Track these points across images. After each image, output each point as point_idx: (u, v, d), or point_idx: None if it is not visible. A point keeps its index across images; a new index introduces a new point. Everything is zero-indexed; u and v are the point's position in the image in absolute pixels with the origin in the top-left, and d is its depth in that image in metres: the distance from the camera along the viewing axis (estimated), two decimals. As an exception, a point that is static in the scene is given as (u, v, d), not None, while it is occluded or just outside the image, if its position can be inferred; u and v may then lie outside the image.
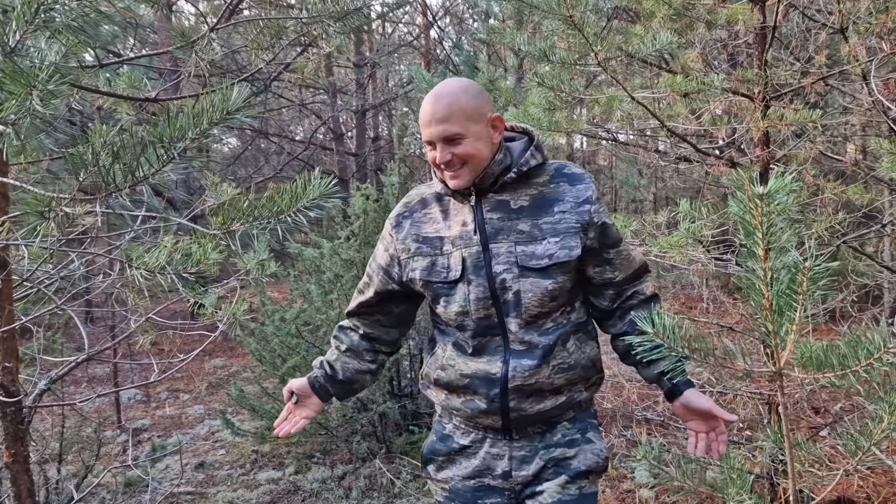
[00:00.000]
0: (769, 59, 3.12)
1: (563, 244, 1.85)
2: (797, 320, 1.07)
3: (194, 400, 7.63)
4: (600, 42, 2.58)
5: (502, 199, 1.90)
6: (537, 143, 1.96)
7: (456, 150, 1.81)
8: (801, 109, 3.39)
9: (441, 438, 2.08)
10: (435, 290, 1.95)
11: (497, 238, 1.88)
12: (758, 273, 0.99)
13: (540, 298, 1.86)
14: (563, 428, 1.98)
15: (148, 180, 1.07)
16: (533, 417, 1.93)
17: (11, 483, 2.11)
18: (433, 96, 1.86)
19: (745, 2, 3.47)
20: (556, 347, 1.89)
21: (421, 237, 1.97)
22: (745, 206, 0.99)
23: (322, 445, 5.41)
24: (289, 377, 4.90)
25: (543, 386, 1.89)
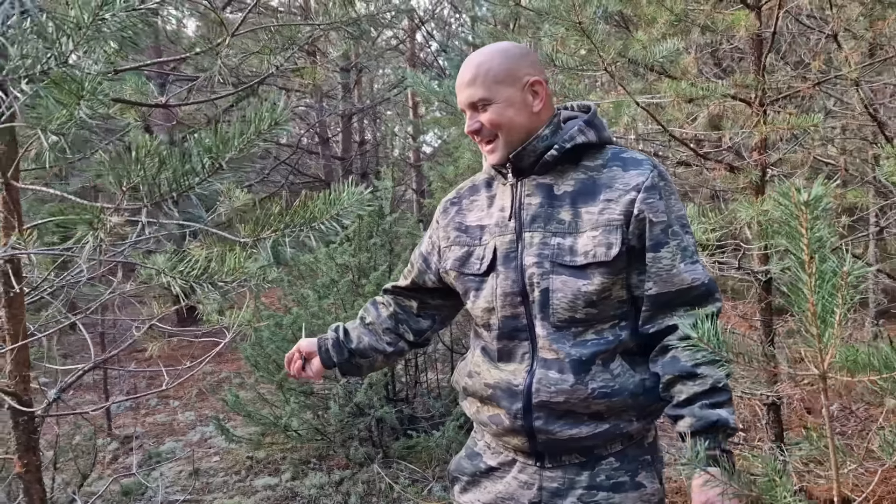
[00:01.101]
0: (767, 65, 3.17)
1: (601, 239, 1.58)
2: (838, 324, 1.09)
3: (184, 406, 7.57)
4: (605, 48, 2.61)
5: (545, 183, 1.66)
6: (591, 118, 1.70)
7: (484, 117, 1.62)
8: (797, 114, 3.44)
9: (470, 456, 1.88)
10: (465, 282, 1.77)
11: (532, 226, 1.65)
12: (803, 279, 1.01)
13: (571, 301, 1.60)
14: (609, 466, 1.67)
15: (194, 189, 1.07)
16: (566, 444, 1.65)
17: (24, 493, 2.09)
18: (468, 59, 1.69)
19: (742, 7, 3.52)
20: (593, 365, 1.61)
21: (463, 226, 1.80)
22: (791, 212, 1.01)
23: (318, 451, 5.39)
24: (286, 383, 4.90)
25: (577, 408, 1.62)
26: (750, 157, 3.43)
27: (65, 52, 0.95)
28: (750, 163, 3.24)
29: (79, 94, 0.97)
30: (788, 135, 3.37)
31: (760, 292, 3.41)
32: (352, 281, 5.12)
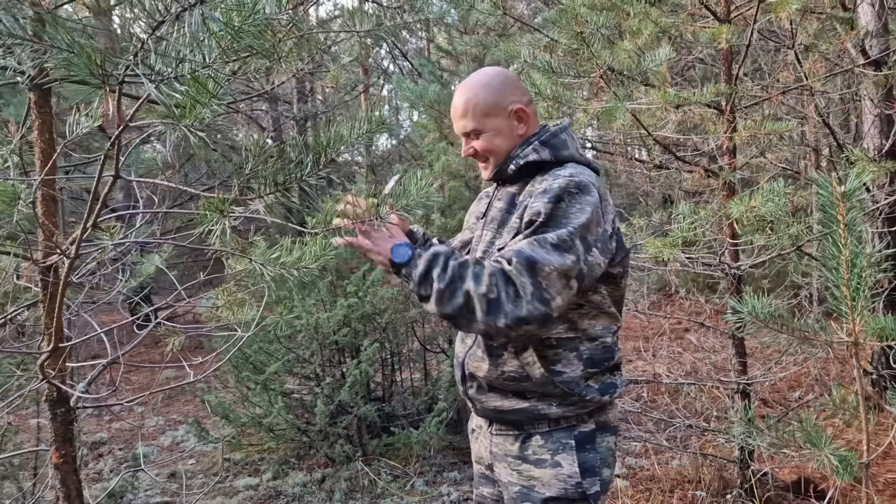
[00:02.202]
0: (740, 75, 3.40)
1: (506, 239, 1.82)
2: (862, 298, 1.26)
3: (151, 411, 7.48)
4: (599, 56, 2.79)
5: (511, 192, 1.93)
6: (547, 138, 1.89)
7: (477, 143, 1.90)
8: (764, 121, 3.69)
9: (468, 420, 2.18)
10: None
11: (489, 226, 1.94)
12: (840, 259, 1.18)
13: None
14: (536, 443, 1.87)
15: (303, 180, 1.18)
16: (494, 414, 1.91)
17: (61, 483, 2.13)
18: (458, 89, 1.94)
19: (713, 20, 3.77)
20: (504, 352, 1.84)
21: (473, 217, 2.12)
22: (831, 202, 1.17)
23: (296, 451, 5.43)
24: (271, 383, 4.94)
25: (495, 384, 1.87)
26: (722, 160, 3.66)
27: (209, 56, 1.06)
28: (724, 166, 3.46)
29: (213, 93, 1.08)
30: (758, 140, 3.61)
31: (733, 286, 3.64)
32: (331, 282, 5.20)
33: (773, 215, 2.65)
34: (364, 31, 2.04)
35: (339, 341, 5.04)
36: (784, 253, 3.72)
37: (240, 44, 1.04)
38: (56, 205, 2.07)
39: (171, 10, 0.91)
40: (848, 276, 1.20)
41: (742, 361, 3.82)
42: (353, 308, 4.94)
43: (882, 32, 4.69)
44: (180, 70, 1.02)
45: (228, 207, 1.12)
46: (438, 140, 5.28)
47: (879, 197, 4.50)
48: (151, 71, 1.01)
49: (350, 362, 5.03)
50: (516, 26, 5.71)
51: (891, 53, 4.64)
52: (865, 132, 4.84)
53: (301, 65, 2.23)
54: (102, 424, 7.11)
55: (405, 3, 2.32)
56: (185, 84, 1.03)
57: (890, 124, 4.69)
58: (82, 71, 0.97)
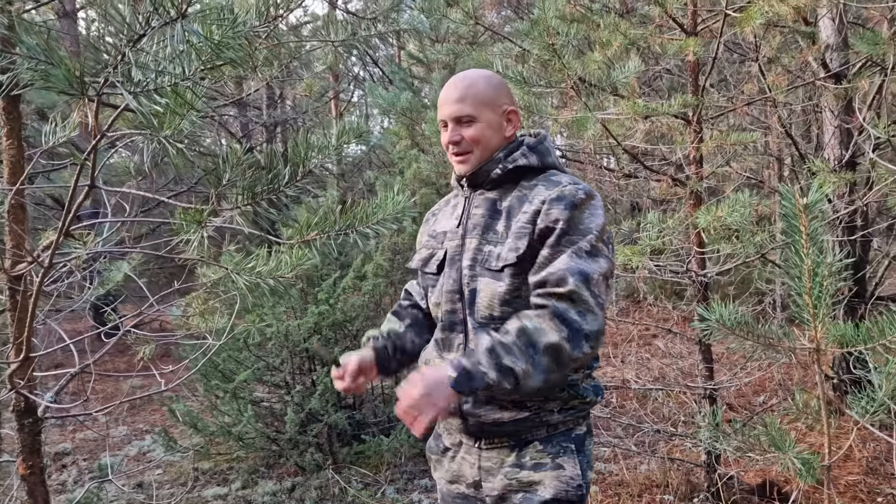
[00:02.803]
0: (706, 86, 3.48)
1: (512, 245, 1.77)
2: (823, 306, 1.31)
3: (115, 421, 7.35)
4: (571, 68, 2.83)
5: (491, 198, 1.88)
6: (535, 144, 1.90)
7: (465, 132, 1.83)
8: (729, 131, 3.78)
9: (434, 437, 2.08)
10: (425, 280, 2.02)
11: (473, 233, 1.86)
12: (802, 269, 1.22)
13: (489, 300, 1.80)
14: (534, 449, 1.84)
15: (282, 190, 1.19)
16: (491, 427, 1.84)
17: (28, 495, 2.10)
18: (453, 79, 1.90)
19: (680, 32, 3.85)
20: None
21: (434, 232, 2.03)
22: (794, 213, 1.22)
23: (266, 460, 5.39)
24: (240, 392, 4.90)
25: (496, 395, 1.76)
26: (689, 170, 3.74)
27: (189, 69, 1.07)
28: (691, 175, 3.54)
29: (192, 104, 1.09)
30: (723, 150, 3.69)
31: (699, 293, 3.72)
32: (302, 290, 5.17)
33: (739, 225, 2.72)
34: (338, 41, 2.06)
35: (309, 349, 5.02)
36: (749, 261, 3.80)
37: (220, 57, 1.05)
38: (24, 213, 2.04)
39: (151, 23, 0.92)
40: (810, 285, 1.24)
41: (708, 367, 3.89)
42: (324, 315, 4.93)
43: (842, 46, 4.82)
44: (160, 82, 1.02)
45: (206, 218, 1.13)
46: (410, 147, 5.30)
47: (840, 206, 4.62)
48: (131, 82, 1.02)
49: (320, 370, 5.01)
50: (487, 35, 5.76)
51: (850, 67, 4.78)
52: (826, 143, 4.97)
53: (274, 72, 2.23)
54: (66, 434, 6.97)
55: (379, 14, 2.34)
56: (165, 96, 1.04)
57: (849, 136, 4.82)
58: (61, 82, 0.97)
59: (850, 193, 4.69)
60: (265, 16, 1.10)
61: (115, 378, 8.55)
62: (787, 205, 1.22)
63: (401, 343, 2.05)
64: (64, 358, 8.24)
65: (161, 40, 1.02)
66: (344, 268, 5.43)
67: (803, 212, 1.23)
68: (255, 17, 1.07)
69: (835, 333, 1.26)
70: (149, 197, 1.26)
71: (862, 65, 4.68)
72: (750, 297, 6.63)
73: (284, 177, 1.19)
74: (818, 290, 1.25)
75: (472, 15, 3.80)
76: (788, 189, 1.22)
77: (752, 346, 1.29)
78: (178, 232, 1.12)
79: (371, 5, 11.33)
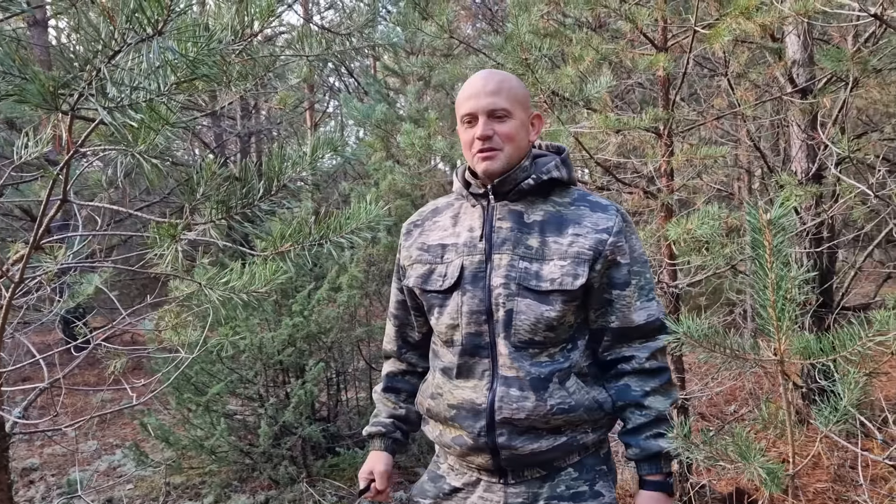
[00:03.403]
0: (677, 101, 3.54)
1: (569, 270, 1.69)
2: (787, 319, 1.34)
3: (85, 436, 7.24)
4: (544, 82, 2.87)
5: (516, 210, 1.77)
6: (565, 157, 1.84)
7: (500, 127, 1.71)
8: (700, 145, 3.85)
9: (433, 479, 1.93)
10: (429, 299, 1.84)
11: (502, 248, 1.73)
12: (766, 282, 1.26)
13: (533, 324, 1.70)
14: (568, 476, 1.77)
15: (256, 205, 1.19)
16: (527, 459, 1.73)
17: (-5, 513, 2.07)
18: (482, 73, 1.78)
19: (651, 47, 3.92)
20: (551, 384, 1.71)
21: (426, 245, 1.87)
22: (758, 228, 1.25)
23: (239, 473, 5.34)
24: (213, 405, 4.85)
25: (537, 423, 1.70)
26: (660, 182, 3.80)
27: (166, 85, 1.08)
28: (662, 188, 3.59)
29: (167, 120, 1.09)
30: (694, 163, 3.75)
31: (672, 304, 3.77)
32: (276, 301, 5.15)
33: (708, 237, 2.77)
34: (313, 56, 2.07)
35: (283, 361, 4.99)
36: (719, 272, 3.87)
37: (195, 73, 1.06)
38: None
39: (127, 39, 0.93)
40: (773, 298, 1.28)
41: (680, 377, 3.94)
42: (299, 327, 4.90)
43: (808, 62, 4.94)
44: (135, 97, 1.03)
45: (180, 233, 1.13)
46: (385, 159, 5.31)
47: (807, 219, 4.72)
48: (105, 97, 1.02)
49: (295, 382, 4.99)
50: (462, 48, 5.81)
51: (816, 82, 4.90)
52: (794, 156, 5.08)
53: (248, 86, 2.23)
54: (33, 449, 6.85)
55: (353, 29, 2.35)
56: (139, 111, 1.04)
57: (816, 149, 4.93)
58: (35, 97, 0.97)
59: (816, 206, 4.79)
60: (240, 34, 1.11)
61: (85, 392, 8.42)
62: (752, 220, 1.26)
63: (408, 426, 2.05)
64: (32, 371, 8.09)
65: (136, 56, 1.02)
66: (318, 279, 5.41)
67: (767, 226, 1.27)
68: (230, 34, 1.08)
69: (798, 345, 1.29)
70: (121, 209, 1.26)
71: (827, 80, 4.79)
72: (721, 308, 6.72)
73: (259, 191, 1.20)
74: (781, 303, 1.28)
75: (447, 28, 3.84)
76: (752, 204, 1.25)
77: (720, 358, 1.32)
78: (151, 245, 1.12)
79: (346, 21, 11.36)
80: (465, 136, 1.76)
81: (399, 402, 2.05)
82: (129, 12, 0.85)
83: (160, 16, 0.85)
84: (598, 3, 3.28)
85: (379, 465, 1.97)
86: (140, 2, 0.84)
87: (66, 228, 5.34)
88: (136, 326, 3.27)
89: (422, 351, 2.04)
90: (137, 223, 10.61)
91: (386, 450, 2.00)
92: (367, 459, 2.02)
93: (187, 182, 1.14)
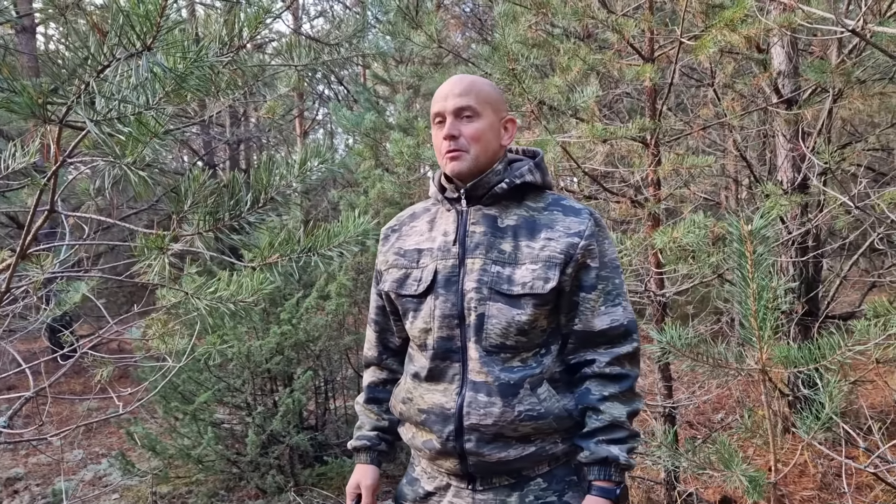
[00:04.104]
0: (663, 111, 3.58)
1: (540, 274, 1.69)
2: (768, 329, 1.36)
3: (70, 445, 7.18)
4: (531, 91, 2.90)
5: (490, 214, 1.77)
6: (539, 162, 1.84)
7: (465, 127, 1.72)
8: (687, 154, 3.88)
9: (410, 482, 1.94)
10: (403, 303, 1.84)
11: (475, 252, 1.74)
12: (748, 292, 1.27)
13: (504, 328, 1.70)
14: (537, 487, 1.75)
15: (243, 217, 1.20)
16: (495, 466, 1.72)
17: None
18: (454, 77, 1.80)
19: (637, 58, 3.95)
20: (521, 390, 1.70)
21: (402, 250, 1.87)
22: (740, 239, 1.27)
23: (226, 483, 5.31)
24: (200, 413, 4.82)
25: (505, 431, 1.69)
26: (648, 191, 3.83)
27: (154, 98, 1.09)
28: (650, 197, 3.62)
29: (155, 132, 1.10)
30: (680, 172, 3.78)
31: (659, 313, 3.79)
32: (264, 309, 5.14)
33: (695, 245, 2.79)
34: (301, 66, 2.08)
35: (271, 369, 4.98)
36: (706, 280, 3.90)
37: (184, 86, 1.07)
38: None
39: (116, 54, 0.93)
40: (755, 308, 1.30)
41: (667, 385, 3.97)
42: (287, 335, 4.90)
43: (793, 73, 4.99)
44: (123, 110, 1.04)
45: (167, 244, 1.14)
46: (374, 167, 5.32)
47: (792, 228, 4.76)
48: (94, 111, 1.03)
49: (283, 391, 4.98)
50: (451, 57, 5.83)
51: (801, 93, 4.95)
52: (779, 166, 5.13)
53: (237, 94, 2.24)
54: (18, 459, 6.79)
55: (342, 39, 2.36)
56: (128, 124, 1.05)
57: (801, 159, 4.98)
58: (24, 109, 0.98)
59: (802, 215, 4.84)
60: (228, 45, 1.12)
61: (71, 401, 8.36)
62: (734, 231, 1.28)
63: (392, 437, 2.02)
64: (18, 380, 8.03)
65: (125, 71, 1.03)
66: (307, 287, 5.41)
67: (748, 237, 1.29)
68: (217, 45, 1.09)
69: (780, 355, 1.31)
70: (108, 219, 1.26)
71: (812, 91, 4.85)
72: (708, 316, 6.76)
73: (247, 202, 1.21)
74: (763, 313, 1.30)
75: (436, 38, 3.86)
76: (734, 217, 1.27)
77: (705, 367, 1.33)
78: (138, 256, 1.12)
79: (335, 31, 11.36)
80: (436, 139, 1.77)
81: (382, 414, 2.03)
82: (118, 27, 0.86)
83: (149, 32, 0.86)
84: (585, 13, 3.31)
85: (365, 479, 1.97)
86: (129, 17, 0.84)
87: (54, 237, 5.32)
88: (123, 335, 3.26)
89: (402, 357, 2.02)
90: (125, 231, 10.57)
91: (372, 463, 1.99)
92: (353, 473, 2.01)
93: (175, 191, 1.15)
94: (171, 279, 1.34)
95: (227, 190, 1.17)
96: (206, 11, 12.05)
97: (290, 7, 6.09)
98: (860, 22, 2.00)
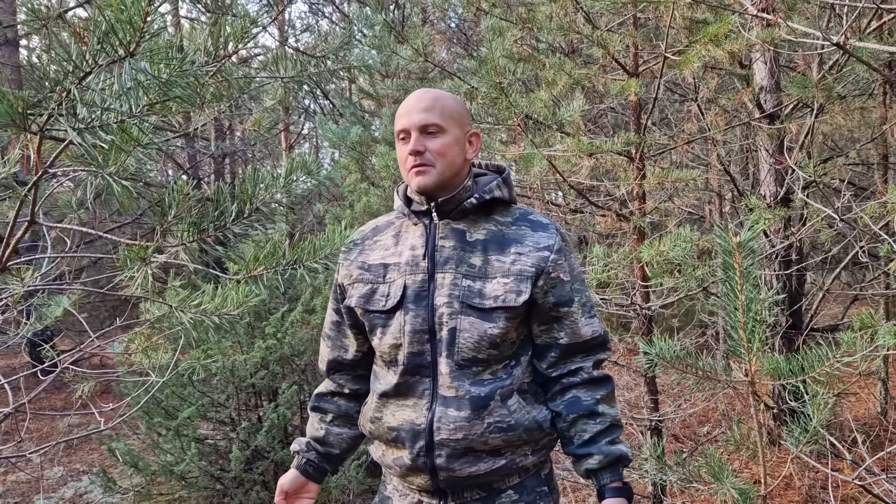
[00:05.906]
0: (648, 125, 3.60)
1: (512, 287, 1.71)
2: (757, 340, 1.36)
3: (50, 462, 7.06)
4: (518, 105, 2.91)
5: (459, 228, 1.77)
6: (507, 177, 1.86)
7: (431, 143, 1.71)
8: (672, 168, 3.91)
9: (381, 500, 1.91)
10: (371, 319, 1.82)
11: (445, 267, 1.73)
12: (736, 304, 1.27)
13: (477, 342, 1.70)
14: (508, 499, 1.76)
15: (228, 228, 1.19)
16: (466, 481, 1.72)
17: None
18: (417, 92, 1.80)
19: (622, 72, 3.98)
20: (491, 402, 1.70)
21: (366, 265, 1.85)
22: (728, 251, 1.27)
23: (209, 499, 5.23)
24: (184, 429, 4.76)
25: (475, 444, 1.69)
26: (633, 205, 3.84)
27: (138, 106, 1.07)
28: (635, 211, 3.64)
29: (139, 141, 1.09)
30: (665, 186, 3.80)
31: (644, 325, 3.80)
32: (249, 324, 5.10)
33: (680, 259, 2.81)
34: (287, 78, 2.07)
35: (256, 384, 4.93)
36: (692, 293, 3.91)
37: (168, 94, 1.05)
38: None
39: (99, 61, 0.92)
40: (743, 320, 1.30)
41: (654, 399, 3.96)
42: (272, 350, 4.85)
43: (775, 89, 5.05)
44: (106, 118, 1.02)
45: (150, 256, 1.12)
46: (360, 181, 5.31)
47: (776, 241, 4.80)
48: (75, 118, 1.02)
49: (267, 406, 4.93)
50: (437, 71, 5.85)
51: (783, 108, 5.00)
52: (762, 180, 5.17)
53: (222, 107, 2.23)
54: (-4, 477, 6.67)
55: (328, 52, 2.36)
56: (110, 132, 1.03)
57: (784, 174, 5.03)
58: (3, 118, 0.96)
59: (785, 229, 4.88)
60: (214, 55, 1.11)
61: (52, 416, 8.23)
62: (722, 243, 1.28)
63: (325, 448, 1.98)
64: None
65: (108, 77, 1.02)
66: (292, 301, 5.37)
67: (736, 249, 1.29)
68: (203, 55, 1.08)
69: (768, 367, 1.31)
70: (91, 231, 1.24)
71: (794, 106, 4.90)
72: (693, 329, 6.78)
73: (231, 214, 1.19)
74: (752, 325, 1.30)
75: (422, 52, 3.87)
76: (723, 229, 1.27)
77: (693, 379, 1.33)
78: (121, 267, 1.11)
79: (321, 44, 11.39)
80: (400, 154, 1.77)
81: (322, 423, 2.01)
82: (100, 34, 0.84)
83: (132, 37, 0.85)
84: (570, 29, 3.33)
85: (283, 480, 1.96)
86: (112, 23, 0.83)
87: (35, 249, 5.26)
88: (106, 349, 3.22)
89: (353, 373, 2.01)
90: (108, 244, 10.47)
91: (297, 468, 1.97)
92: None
93: (159, 203, 1.13)
94: (155, 292, 1.31)
95: (212, 201, 1.15)
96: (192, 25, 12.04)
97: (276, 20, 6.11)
98: (843, 37, 2.03)
